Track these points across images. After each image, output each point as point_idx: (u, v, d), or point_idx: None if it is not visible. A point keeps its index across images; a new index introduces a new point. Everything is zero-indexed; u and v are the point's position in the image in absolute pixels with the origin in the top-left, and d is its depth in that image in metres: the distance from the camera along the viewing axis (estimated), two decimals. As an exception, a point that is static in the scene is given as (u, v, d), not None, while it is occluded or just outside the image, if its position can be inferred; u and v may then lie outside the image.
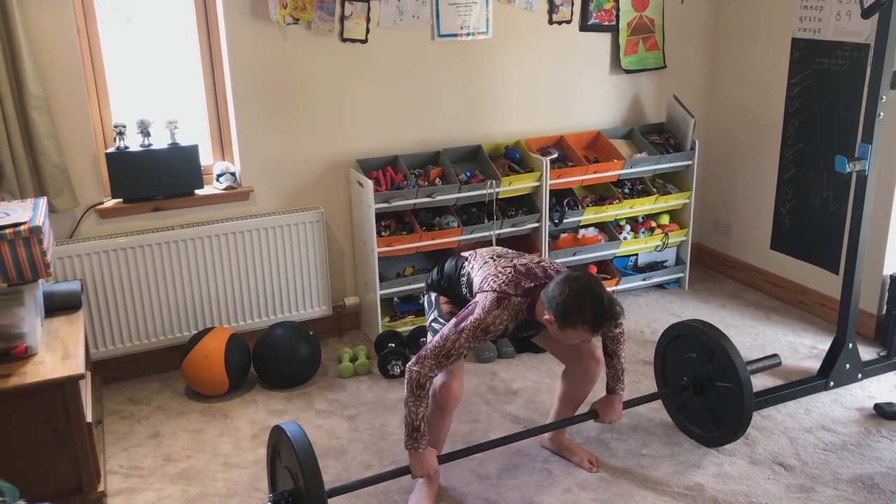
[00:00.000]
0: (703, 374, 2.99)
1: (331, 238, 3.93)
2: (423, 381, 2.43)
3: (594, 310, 2.34)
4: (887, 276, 3.74)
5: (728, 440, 2.98)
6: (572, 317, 2.34)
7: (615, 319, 2.41)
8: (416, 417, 2.46)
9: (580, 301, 2.34)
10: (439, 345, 2.44)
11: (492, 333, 2.47)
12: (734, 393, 2.88)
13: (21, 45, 3.09)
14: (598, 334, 2.45)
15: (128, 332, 3.55)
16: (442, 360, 2.44)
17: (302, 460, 2.21)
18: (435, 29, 3.89)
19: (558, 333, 2.42)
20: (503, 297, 2.46)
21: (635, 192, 4.31)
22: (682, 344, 3.10)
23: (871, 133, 3.12)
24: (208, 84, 3.68)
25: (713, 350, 2.95)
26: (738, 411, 2.88)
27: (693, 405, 3.06)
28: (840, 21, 3.76)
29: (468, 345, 2.44)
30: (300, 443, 2.25)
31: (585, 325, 2.34)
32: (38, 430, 2.53)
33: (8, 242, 2.54)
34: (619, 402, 2.83)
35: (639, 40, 4.36)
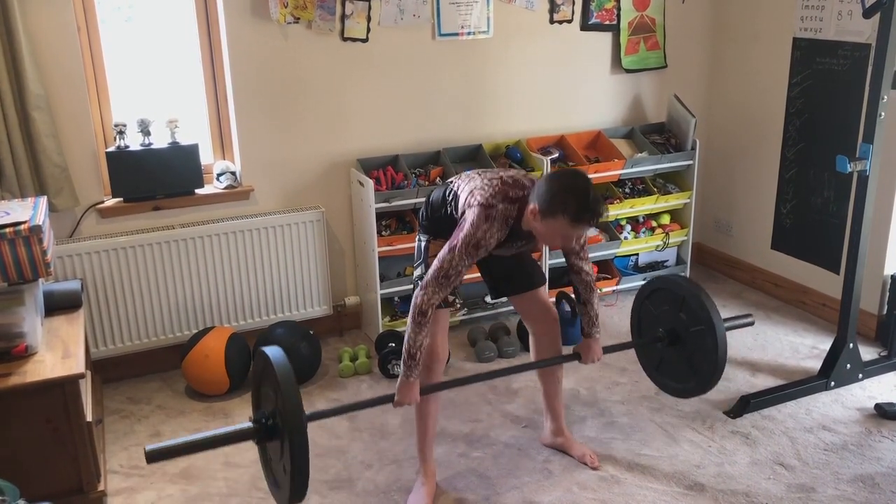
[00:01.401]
0: (677, 323, 2.93)
1: (331, 237, 3.93)
2: (425, 308, 2.45)
3: (577, 200, 2.33)
4: (888, 277, 3.73)
5: (705, 386, 2.89)
6: (555, 205, 2.34)
7: (597, 214, 2.36)
8: (414, 345, 2.47)
9: (564, 190, 2.34)
10: (437, 269, 2.46)
11: (483, 247, 2.46)
12: (707, 335, 2.81)
13: (22, 44, 3.09)
14: (579, 228, 2.40)
15: (128, 331, 3.55)
16: (443, 282, 2.45)
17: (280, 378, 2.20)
18: (436, 28, 3.88)
19: (540, 228, 2.41)
20: (489, 208, 2.46)
21: (636, 192, 4.31)
22: (655, 300, 3.04)
23: (872, 133, 3.12)
24: (209, 83, 3.68)
25: (684, 297, 2.90)
26: (711, 354, 2.80)
27: (670, 359, 2.99)
28: (841, 21, 3.75)
29: (464, 262, 2.45)
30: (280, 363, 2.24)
31: (567, 214, 2.32)
32: (38, 430, 2.53)
33: (8, 241, 2.54)
34: (596, 344, 2.84)
35: (640, 40, 4.36)
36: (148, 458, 2.15)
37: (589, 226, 2.40)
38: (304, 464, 2.18)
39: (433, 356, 2.68)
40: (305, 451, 2.17)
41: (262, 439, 2.33)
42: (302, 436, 2.17)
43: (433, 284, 2.46)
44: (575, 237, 2.57)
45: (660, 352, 3.03)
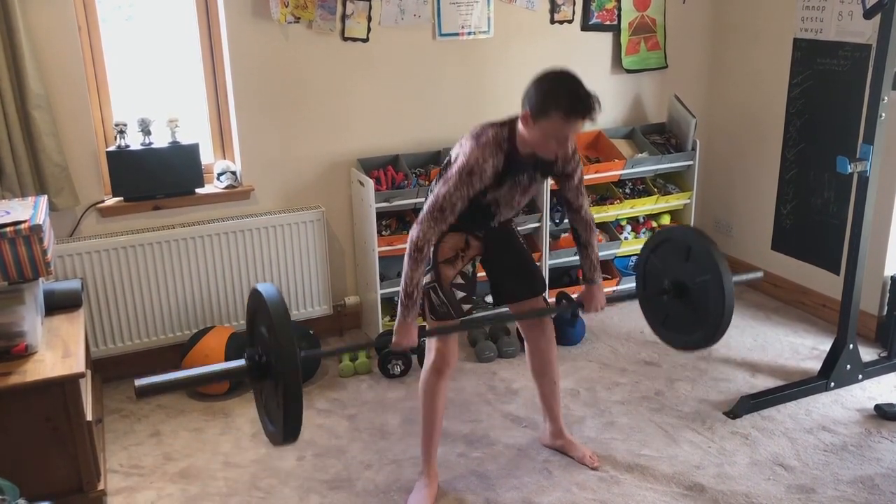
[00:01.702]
0: (684, 274, 2.85)
1: (331, 237, 3.93)
2: (421, 243, 2.43)
3: (569, 94, 2.29)
4: (888, 278, 3.73)
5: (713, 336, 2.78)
6: (547, 103, 2.30)
7: (591, 107, 2.30)
8: (410, 283, 2.45)
9: (555, 87, 2.31)
10: (432, 203, 2.43)
11: (479, 174, 2.40)
12: (713, 283, 2.72)
13: (22, 43, 3.09)
14: (573, 123, 2.32)
15: (128, 330, 3.55)
16: (438, 216, 2.42)
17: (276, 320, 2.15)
18: (436, 28, 3.88)
19: (534, 134, 2.36)
20: (479, 136, 2.44)
21: (636, 192, 4.31)
22: (661, 253, 2.96)
23: (872, 134, 3.12)
24: (209, 82, 3.68)
25: (689, 247, 2.83)
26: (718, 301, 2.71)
27: (676, 312, 2.90)
28: (842, 21, 3.75)
29: (459, 193, 2.41)
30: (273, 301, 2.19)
31: (560, 109, 2.28)
32: (38, 429, 2.53)
33: (8, 241, 2.54)
34: (599, 291, 2.80)
35: (640, 40, 4.36)
36: (137, 393, 2.10)
37: (583, 119, 2.33)
38: (298, 401, 2.13)
39: (444, 360, 2.67)
40: (299, 388, 2.12)
41: (256, 377, 2.26)
42: (296, 372, 2.12)
43: (428, 219, 2.42)
44: (570, 141, 2.47)
45: (666, 305, 2.94)
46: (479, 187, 2.44)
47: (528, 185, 2.60)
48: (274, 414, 2.26)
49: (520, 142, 2.44)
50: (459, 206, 2.43)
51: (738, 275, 2.89)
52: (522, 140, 2.43)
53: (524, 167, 2.51)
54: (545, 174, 2.63)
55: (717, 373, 3.59)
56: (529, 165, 2.51)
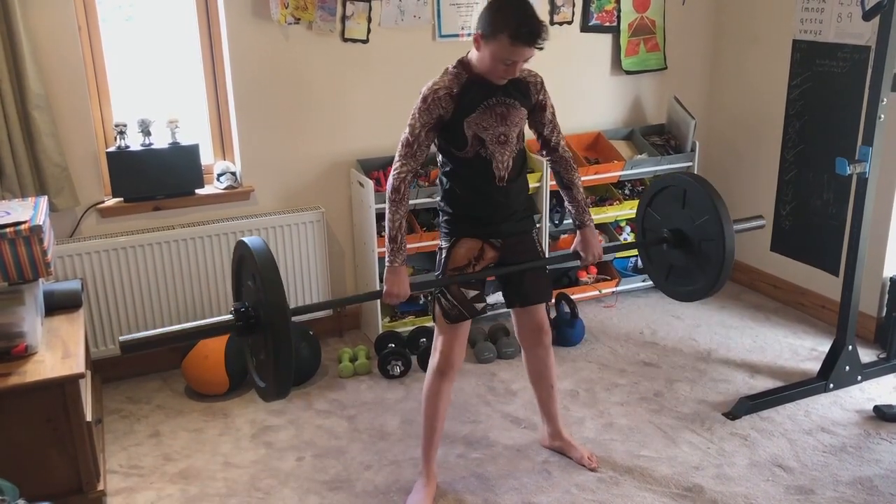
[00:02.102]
0: (682, 222, 2.82)
1: (331, 238, 3.93)
2: (396, 183, 2.49)
3: (516, 18, 2.33)
4: (887, 279, 3.74)
5: (715, 280, 2.74)
6: (495, 24, 2.34)
7: (536, 33, 2.33)
8: (392, 226, 2.49)
9: (505, 9, 2.36)
10: (401, 142, 2.51)
11: (433, 101, 2.47)
12: (712, 223, 2.68)
13: (22, 43, 3.09)
14: (519, 46, 2.34)
15: (128, 331, 3.55)
16: (406, 152, 2.51)
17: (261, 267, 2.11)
18: (436, 29, 3.89)
19: (485, 57, 2.41)
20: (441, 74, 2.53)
21: (636, 194, 4.31)
22: (658, 204, 2.94)
23: (871, 135, 3.13)
24: (209, 83, 3.68)
25: (685, 190, 2.80)
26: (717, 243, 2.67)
27: (678, 262, 2.87)
28: (841, 23, 3.76)
29: (420, 122, 2.48)
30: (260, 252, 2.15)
31: (506, 31, 2.31)
32: (38, 429, 2.54)
33: (8, 241, 2.55)
34: (593, 235, 2.77)
35: (640, 41, 4.36)
36: (122, 349, 2.07)
37: (528, 45, 2.35)
38: (288, 355, 2.09)
39: (449, 363, 2.67)
40: (289, 341, 2.09)
41: (244, 332, 2.21)
42: (286, 325, 2.08)
43: (399, 158, 2.51)
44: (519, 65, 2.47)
45: (667, 257, 2.90)
46: (440, 113, 2.48)
47: (506, 111, 2.55)
48: (264, 368, 2.20)
49: (476, 68, 2.50)
50: (424, 138, 2.49)
51: (738, 220, 2.85)
52: (476, 65, 2.49)
53: (490, 90, 2.52)
54: (524, 102, 2.59)
55: (716, 374, 3.59)
56: (500, 90, 2.52)
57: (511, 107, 2.56)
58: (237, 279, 2.37)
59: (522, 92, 2.57)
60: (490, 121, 2.53)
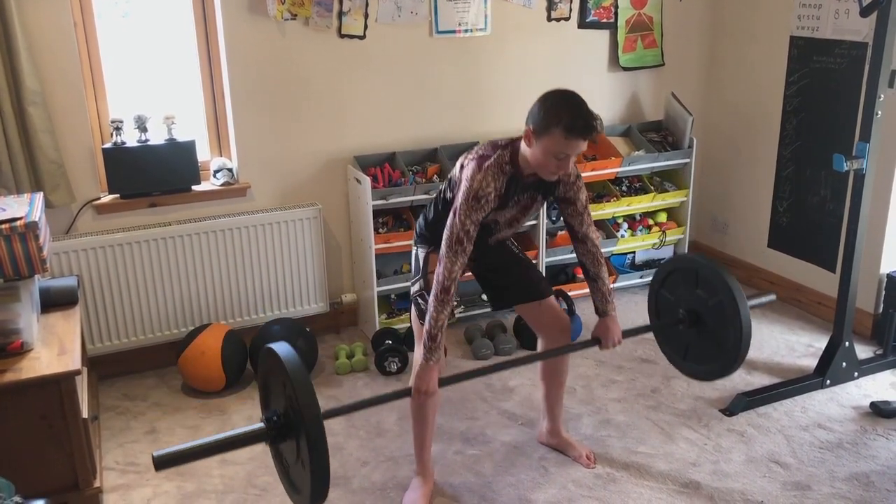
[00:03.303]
0: (696, 302, 2.85)
1: (328, 235, 3.93)
2: (447, 283, 2.41)
3: (570, 111, 2.32)
4: (884, 275, 3.74)
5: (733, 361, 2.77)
6: (548, 119, 2.32)
7: (590, 125, 2.32)
8: (435, 325, 2.43)
9: (557, 104, 2.35)
10: (448, 237, 2.42)
11: (485, 199, 2.40)
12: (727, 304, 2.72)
13: (18, 39, 3.08)
14: (574, 140, 2.33)
15: (124, 328, 3.55)
16: (457, 248, 2.41)
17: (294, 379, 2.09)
18: (433, 25, 3.88)
19: (536, 152, 2.38)
20: (482, 158, 2.45)
21: (633, 190, 4.31)
22: (670, 285, 2.97)
23: (868, 131, 3.13)
24: (206, 79, 3.68)
25: (697, 272, 2.84)
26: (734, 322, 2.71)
27: (695, 342, 2.90)
28: (838, 19, 3.75)
29: (470, 219, 2.40)
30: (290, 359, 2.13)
31: (560, 126, 2.30)
32: (33, 426, 2.53)
33: (4, 238, 2.54)
34: (615, 324, 2.77)
35: (637, 38, 4.36)
36: (156, 465, 2.02)
37: (583, 137, 2.34)
38: (325, 461, 2.05)
39: None
40: (324, 447, 2.05)
41: (276, 440, 2.21)
42: (320, 431, 2.05)
43: (449, 254, 2.41)
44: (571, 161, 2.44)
45: (683, 336, 2.93)
46: (487, 210, 2.46)
47: (529, 204, 2.61)
48: (298, 476, 2.18)
49: (522, 162, 2.46)
50: (473, 232, 2.44)
51: (751, 298, 2.89)
52: (525, 161, 2.45)
53: (526, 188, 2.54)
54: (546, 195, 2.62)
55: (713, 370, 3.60)
56: (531, 186, 2.54)
57: (535, 200, 2.61)
58: (265, 385, 2.39)
59: (551, 187, 2.57)
60: (512, 211, 2.59)
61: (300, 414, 2.06)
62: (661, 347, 3.08)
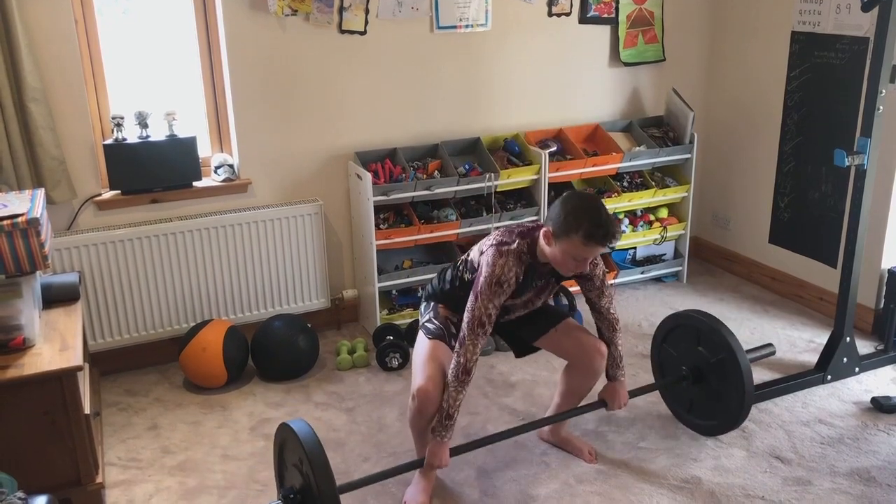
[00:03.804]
0: (699, 359, 2.99)
1: (329, 231, 3.93)
2: (470, 365, 2.46)
3: (590, 219, 2.35)
4: (885, 271, 3.74)
5: (737, 415, 2.91)
6: (568, 225, 2.36)
7: (610, 234, 2.37)
8: (453, 404, 2.48)
9: (577, 210, 2.38)
10: (469, 321, 2.47)
11: (506, 283, 2.47)
12: (728, 361, 2.87)
13: (19, 36, 3.08)
14: (592, 247, 2.39)
15: (126, 324, 3.55)
16: (479, 331, 2.46)
17: (312, 458, 2.20)
18: (434, 21, 3.87)
19: (554, 251, 2.43)
20: (502, 245, 2.50)
21: (634, 186, 4.31)
22: (672, 341, 3.12)
23: (870, 127, 3.12)
24: (206, 75, 3.67)
25: (699, 329, 2.97)
26: (736, 379, 2.85)
27: (698, 398, 3.04)
28: (840, 14, 3.75)
29: (492, 303, 2.46)
30: (309, 441, 2.25)
31: (580, 233, 2.34)
32: (36, 422, 2.53)
33: (6, 234, 2.53)
34: (622, 388, 2.85)
35: (638, 33, 4.35)
36: None
37: (602, 246, 2.40)
38: None
39: (426, 398, 2.54)
40: None
41: None
42: None
43: (471, 337, 2.46)
44: (589, 261, 2.53)
45: (687, 392, 3.07)
46: (507, 295, 2.51)
47: (545, 287, 2.68)
48: None
49: (539, 254, 2.52)
50: (494, 316, 2.48)
51: (750, 352, 3.05)
52: (542, 253, 2.50)
53: (543, 275, 2.60)
54: (561, 279, 2.68)
55: (714, 366, 3.60)
56: (547, 273, 2.60)
57: (550, 283, 2.67)
58: (280, 461, 2.45)
59: None
60: (528, 295, 2.65)
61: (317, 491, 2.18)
62: (666, 403, 3.22)
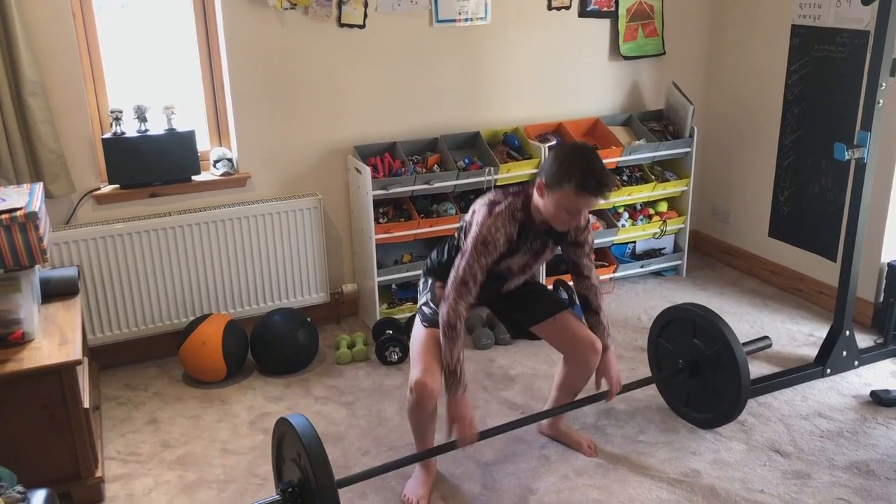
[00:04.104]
0: (695, 351, 2.98)
1: (328, 225, 3.92)
2: (452, 320, 2.44)
3: (582, 169, 2.31)
4: (885, 264, 3.74)
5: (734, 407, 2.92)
6: (560, 175, 2.33)
7: (603, 184, 2.32)
8: (451, 360, 2.46)
9: (570, 160, 2.35)
10: (454, 278, 2.45)
11: (493, 244, 2.44)
12: (723, 352, 2.86)
13: (17, 30, 3.07)
14: (585, 198, 2.34)
15: (125, 318, 3.55)
16: (462, 290, 2.44)
17: (310, 452, 2.20)
18: (433, 14, 3.86)
19: (547, 204, 2.40)
20: (492, 204, 2.48)
21: (633, 180, 4.30)
22: (668, 334, 3.12)
23: (870, 120, 3.12)
24: (205, 69, 3.67)
25: (694, 322, 2.96)
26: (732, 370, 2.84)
27: (695, 391, 3.04)
28: (840, 7, 3.74)
29: (478, 264, 2.44)
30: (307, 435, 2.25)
31: (572, 183, 2.31)
32: (35, 416, 2.54)
33: (4, 228, 2.54)
34: (613, 358, 2.80)
35: (638, 27, 4.35)
36: None
37: (594, 196, 2.35)
38: None
39: (424, 391, 2.52)
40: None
41: None
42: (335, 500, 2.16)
43: (454, 294, 2.45)
44: (582, 214, 2.48)
45: (684, 385, 3.07)
46: (496, 256, 2.48)
47: (541, 251, 2.64)
48: None
49: (534, 211, 2.49)
50: (480, 276, 2.46)
51: (746, 344, 3.05)
52: (536, 209, 2.47)
53: (537, 235, 2.56)
54: (557, 241, 2.65)
55: (713, 359, 3.60)
56: (542, 233, 2.56)
57: (546, 246, 2.63)
58: (278, 456, 2.45)
59: (561, 233, 2.58)
60: (524, 258, 2.61)
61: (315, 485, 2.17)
62: (663, 397, 3.22)
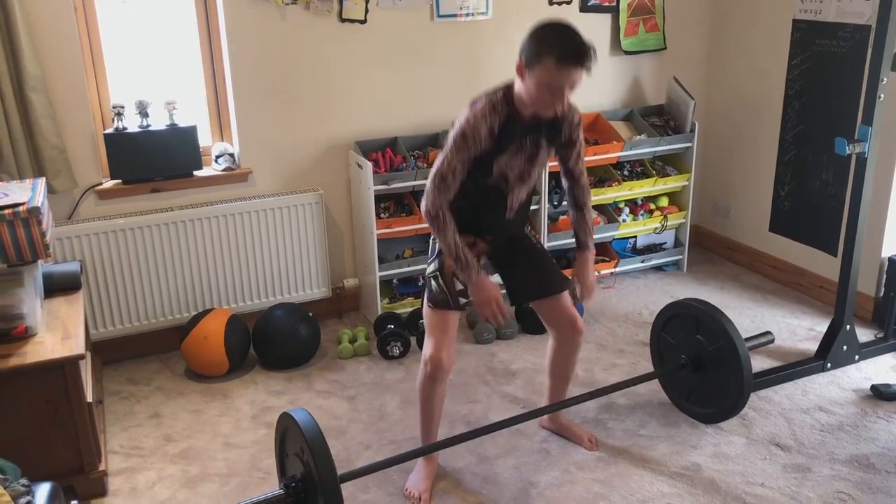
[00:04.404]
0: (697, 347, 2.99)
1: (330, 220, 3.93)
2: (434, 211, 2.41)
3: (562, 40, 2.22)
4: (885, 259, 3.74)
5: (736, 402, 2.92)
6: (540, 49, 2.24)
7: (583, 53, 2.21)
8: (449, 247, 2.42)
9: (548, 32, 2.27)
10: (434, 173, 2.42)
11: (472, 137, 2.38)
12: (727, 349, 2.87)
13: (18, 25, 3.07)
14: (566, 70, 2.23)
15: (127, 312, 3.56)
16: (440, 185, 2.41)
17: (313, 447, 2.21)
18: (434, 9, 3.86)
19: (529, 86, 2.31)
20: (475, 101, 2.43)
21: (634, 175, 4.31)
22: (671, 329, 3.12)
23: (871, 115, 3.12)
24: (207, 64, 3.67)
25: (697, 318, 2.97)
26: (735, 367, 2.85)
27: (698, 386, 3.05)
28: (841, 2, 3.74)
29: (457, 158, 2.39)
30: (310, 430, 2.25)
31: (552, 55, 2.21)
32: (38, 411, 2.55)
33: (7, 223, 2.54)
34: (591, 261, 2.75)
35: (639, 21, 4.34)
36: None
37: (576, 66, 2.23)
38: None
39: (438, 366, 2.56)
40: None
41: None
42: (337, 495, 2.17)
43: (432, 189, 2.41)
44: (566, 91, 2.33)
45: (686, 381, 3.08)
46: (477, 150, 2.40)
47: (535, 151, 2.53)
48: None
49: (518, 102, 2.40)
50: (460, 172, 2.41)
51: (749, 340, 3.05)
52: (520, 100, 2.39)
53: (527, 130, 2.47)
54: (551, 139, 2.55)
55: (714, 354, 3.61)
56: (532, 129, 2.47)
57: (540, 147, 2.54)
58: (281, 450, 2.46)
59: (556, 129, 2.52)
60: (518, 160, 2.52)
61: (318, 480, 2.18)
62: (665, 391, 3.22)
